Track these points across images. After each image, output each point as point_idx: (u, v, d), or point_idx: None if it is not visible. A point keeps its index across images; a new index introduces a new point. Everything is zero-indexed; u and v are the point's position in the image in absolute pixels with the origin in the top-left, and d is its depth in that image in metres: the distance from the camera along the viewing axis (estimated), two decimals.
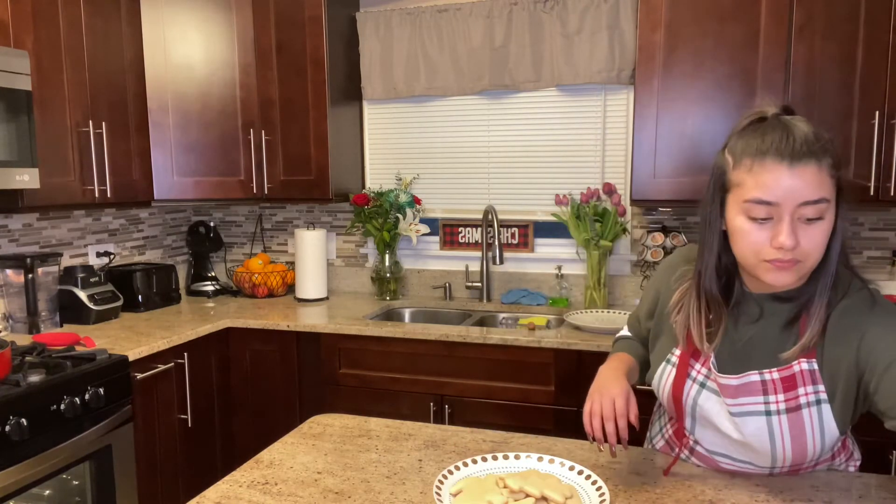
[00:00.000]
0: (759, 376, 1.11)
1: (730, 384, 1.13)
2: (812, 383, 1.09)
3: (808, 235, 1.00)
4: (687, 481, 1.19)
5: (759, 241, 1.02)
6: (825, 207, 0.99)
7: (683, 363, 1.20)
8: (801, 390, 1.09)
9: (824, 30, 2.21)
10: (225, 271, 3.44)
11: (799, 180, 0.98)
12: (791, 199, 0.98)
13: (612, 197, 2.70)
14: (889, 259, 2.54)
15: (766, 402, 1.11)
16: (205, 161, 2.83)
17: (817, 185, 0.98)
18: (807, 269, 1.04)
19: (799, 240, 0.99)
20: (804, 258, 1.01)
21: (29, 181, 2.08)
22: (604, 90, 2.80)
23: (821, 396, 1.09)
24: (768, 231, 1.01)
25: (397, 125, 3.12)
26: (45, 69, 2.24)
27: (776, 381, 1.10)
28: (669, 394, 1.22)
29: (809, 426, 1.09)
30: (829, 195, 0.99)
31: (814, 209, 0.98)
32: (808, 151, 0.98)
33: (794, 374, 1.09)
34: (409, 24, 2.93)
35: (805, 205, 0.98)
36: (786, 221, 0.99)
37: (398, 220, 2.96)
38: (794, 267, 1.02)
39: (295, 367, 2.65)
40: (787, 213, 0.99)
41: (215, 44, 2.81)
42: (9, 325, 2.44)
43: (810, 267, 1.04)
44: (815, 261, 1.03)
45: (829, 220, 1.01)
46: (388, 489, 1.18)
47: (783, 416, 1.10)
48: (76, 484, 2.02)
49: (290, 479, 1.24)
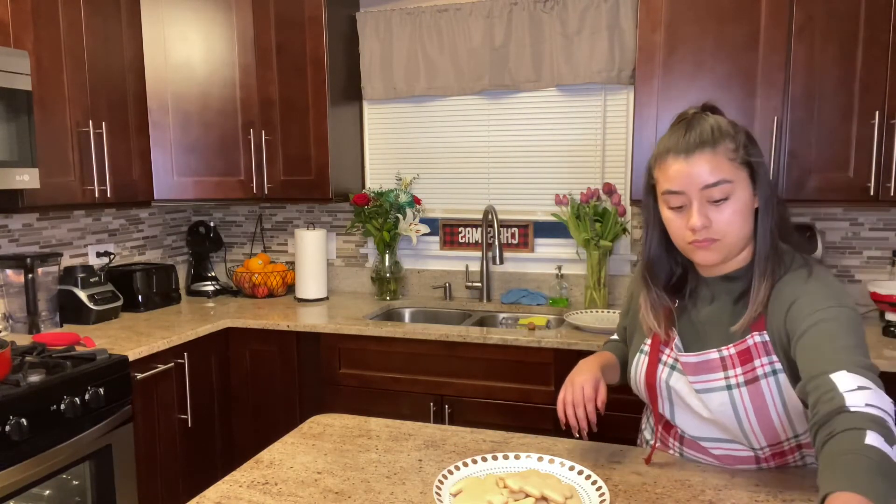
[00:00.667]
0: (718, 353, 1.19)
1: (689, 362, 1.22)
2: (766, 354, 1.16)
3: (719, 214, 1.13)
4: (687, 481, 1.19)
5: (680, 226, 1.17)
6: (728, 188, 1.12)
7: (654, 350, 1.29)
8: (756, 362, 1.16)
9: (824, 30, 2.21)
10: (225, 271, 3.44)
11: (696, 168, 1.12)
12: (692, 184, 1.13)
13: (612, 197, 2.70)
14: (889, 259, 2.54)
15: (725, 377, 1.18)
16: (205, 161, 2.83)
17: (713, 169, 1.11)
18: (728, 245, 1.15)
19: (711, 219, 1.13)
20: (720, 236, 1.14)
21: (29, 181, 2.08)
22: (604, 90, 2.80)
23: (776, 367, 1.15)
24: (685, 217, 1.15)
25: (397, 125, 3.12)
26: (45, 69, 2.24)
27: (733, 357, 1.18)
28: (643, 380, 1.30)
29: (770, 396, 1.15)
30: (729, 177, 1.12)
31: (717, 190, 1.12)
32: (700, 142, 1.13)
33: (748, 347, 1.17)
34: (409, 24, 2.93)
35: (707, 188, 1.12)
36: (694, 206, 1.13)
37: (398, 220, 2.97)
38: (713, 245, 1.15)
39: (295, 367, 2.65)
40: (693, 198, 1.13)
41: (215, 44, 2.81)
42: (9, 325, 2.44)
43: (731, 244, 1.15)
44: (734, 237, 1.14)
45: (738, 199, 1.13)
46: (388, 489, 1.18)
47: (743, 388, 1.16)
48: (76, 484, 2.02)
49: (290, 479, 1.24)
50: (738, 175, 1.13)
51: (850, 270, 2.59)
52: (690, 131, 1.14)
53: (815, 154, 2.27)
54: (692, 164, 1.12)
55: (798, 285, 1.14)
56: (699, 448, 1.28)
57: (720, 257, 1.17)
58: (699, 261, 1.18)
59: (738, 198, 1.13)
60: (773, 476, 1.21)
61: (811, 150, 2.27)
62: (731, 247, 1.16)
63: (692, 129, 1.15)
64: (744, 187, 1.14)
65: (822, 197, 2.28)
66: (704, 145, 1.13)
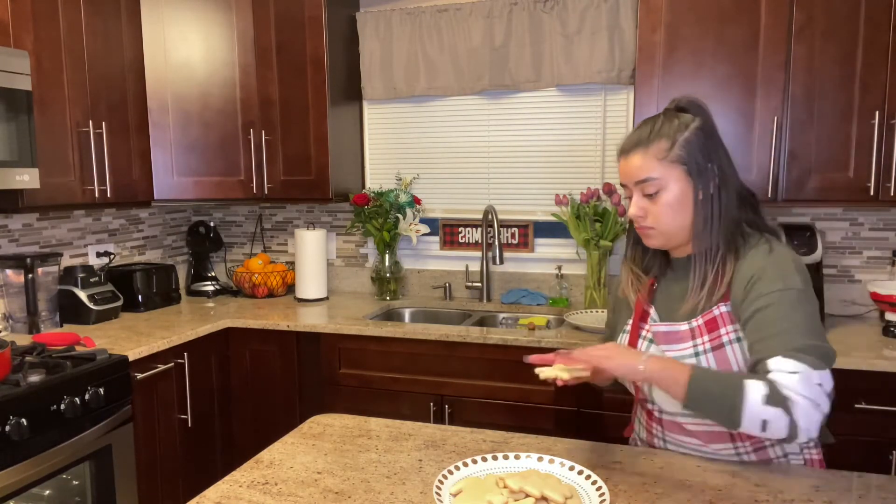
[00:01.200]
0: (688, 325, 1.29)
1: (660, 331, 1.32)
2: (731, 323, 1.25)
3: (652, 206, 1.28)
4: (687, 481, 1.19)
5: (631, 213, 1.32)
6: (658, 184, 1.26)
7: (635, 327, 1.39)
8: (722, 330, 1.26)
9: (824, 30, 2.21)
10: (225, 271, 3.44)
11: (630, 165, 1.28)
12: (629, 179, 1.30)
13: (612, 197, 2.70)
14: (889, 259, 2.54)
15: (693, 345, 1.28)
16: (205, 161, 2.83)
17: (642, 168, 1.26)
18: (664, 233, 1.29)
19: (646, 210, 1.28)
20: (654, 224, 1.29)
21: (29, 181, 2.08)
22: (604, 90, 2.80)
23: (739, 335, 1.25)
24: None
25: (397, 125, 3.12)
26: (45, 69, 2.24)
27: (701, 327, 1.28)
28: None
29: (734, 361, 1.24)
30: (656, 174, 1.25)
31: (648, 186, 1.27)
32: (634, 145, 1.28)
33: (714, 317, 1.27)
34: (409, 24, 2.93)
35: (640, 183, 1.28)
36: (634, 197, 1.31)
37: (398, 220, 2.96)
38: (651, 232, 1.30)
39: (295, 367, 2.65)
40: (633, 191, 1.30)
41: (215, 44, 2.81)
42: (9, 325, 2.44)
43: (666, 231, 1.29)
44: (667, 226, 1.28)
45: (669, 192, 1.26)
46: (388, 489, 1.18)
47: (710, 354, 1.26)
48: (76, 484, 2.02)
49: (290, 479, 1.24)
50: (668, 172, 1.25)
51: (850, 270, 2.59)
52: (636, 131, 1.30)
53: (815, 154, 2.27)
54: (627, 162, 1.29)
55: (756, 262, 1.23)
56: (678, 429, 1.33)
57: (660, 242, 1.32)
58: (646, 244, 1.35)
59: (669, 191, 1.26)
60: (773, 476, 1.21)
61: (811, 150, 2.27)
62: (669, 234, 1.30)
63: (639, 129, 1.30)
64: (677, 182, 1.26)
65: (822, 197, 2.28)
66: (638, 146, 1.28)
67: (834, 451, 2.07)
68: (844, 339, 2.23)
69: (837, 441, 2.04)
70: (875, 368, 1.99)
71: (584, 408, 2.29)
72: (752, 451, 1.29)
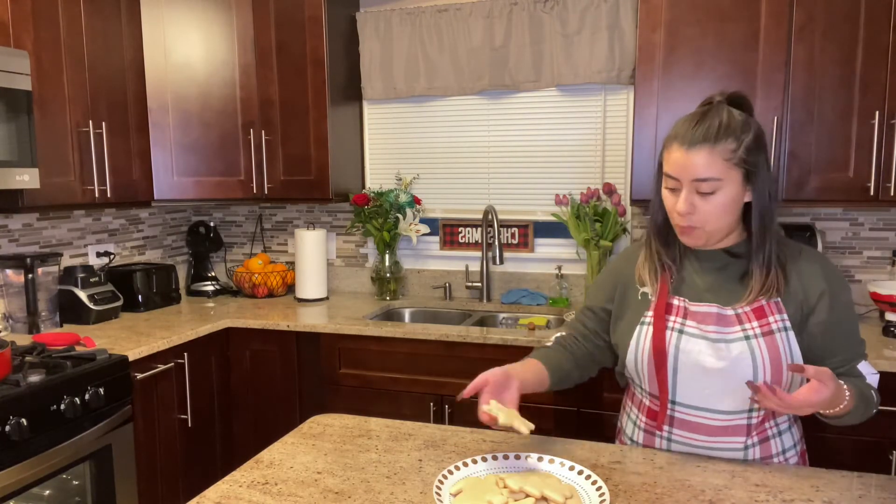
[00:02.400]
0: (733, 311, 1.28)
1: (709, 312, 1.29)
2: (779, 312, 1.27)
3: (704, 204, 1.23)
4: (687, 481, 1.19)
5: (670, 206, 1.28)
6: (717, 184, 1.21)
7: (659, 317, 1.33)
8: (770, 318, 1.27)
9: (824, 30, 2.21)
10: (225, 271, 3.44)
11: (692, 161, 1.21)
12: (686, 175, 1.22)
13: (612, 197, 2.70)
14: (889, 259, 2.54)
15: (742, 329, 1.27)
16: (205, 161, 2.83)
17: (707, 166, 1.20)
18: (708, 233, 1.26)
19: (696, 208, 1.23)
20: (701, 224, 1.25)
21: (29, 181, 2.08)
22: (604, 90, 2.80)
23: (787, 324, 1.27)
24: (676, 199, 1.26)
25: (397, 125, 3.12)
26: (45, 69, 2.24)
27: (748, 313, 1.28)
28: (650, 349, 1.33)
29: (783, 349, 1.25)
30: (720, 175, 1.21)
31: (706, 185, 1.21)
32: (703, 138, 1.21)
33: (762, 305, 1.28)
34: (409, 24, 2.93)
35: (698, 181, 1.21)
36: (683, 193, 1.24)
37: (398, 220, 2.96)
38: (694, 232, 1.26)
39: (295, 367, 2.65)
40: (684, 186, 1.23)
41: (215, 44, 2.81)
42: (9, 325, 2.44)
43: (710, 231, 1.26)
44: (713, 226, 1.25)
45: (725, 194, 1.22)
46: (388, 489, 1.18)
47: (760, 339, 1.26)
48: (76, 484, 2.02)
49: (290, 479, 1.24)
50: (730, 174, 1.21)
51: (850, 270, 2.59)
52: (700, 124, 1.22)
53: (815, 154, 2.27)
54: (690, 157, 1.21)
55: (817, 270, 1.29)
56: (690, 426, 1.31)
57: (701, 242, 1.29)
58: (683, 242, 1.31)
59: (725, 193, 1.22)
60: (773, 476, 1.21)
61: (811, 150, 2.27)
62: (711, 234, 1.27)
63: (702, 122, 1.22)
64: (734, 185, 1.22)
65: (822, 197, 2.28)
66: (706, 141, 1.21)
67: (834, 451, 2.08)
68: None
69: (837, 441, 2.04)
70: (875, 368, 1.99)
71: (584, 408, 2.29)
72: (759, 443, 1.30)
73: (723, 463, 1.27)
